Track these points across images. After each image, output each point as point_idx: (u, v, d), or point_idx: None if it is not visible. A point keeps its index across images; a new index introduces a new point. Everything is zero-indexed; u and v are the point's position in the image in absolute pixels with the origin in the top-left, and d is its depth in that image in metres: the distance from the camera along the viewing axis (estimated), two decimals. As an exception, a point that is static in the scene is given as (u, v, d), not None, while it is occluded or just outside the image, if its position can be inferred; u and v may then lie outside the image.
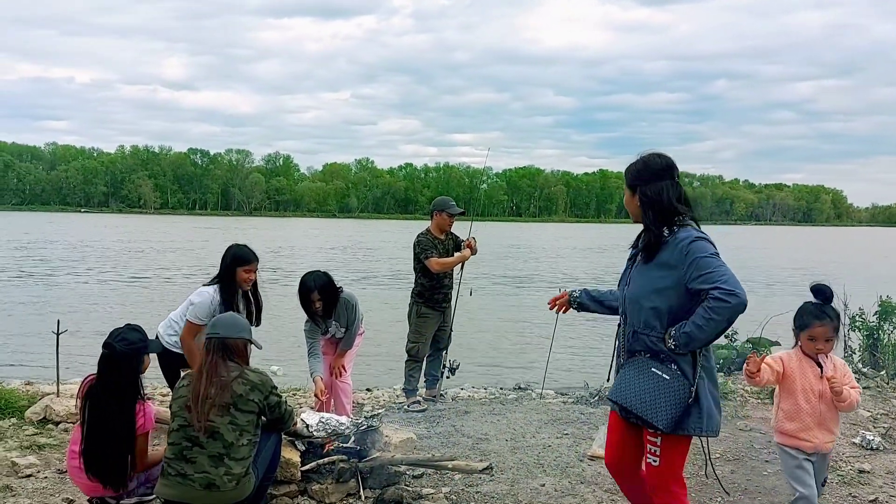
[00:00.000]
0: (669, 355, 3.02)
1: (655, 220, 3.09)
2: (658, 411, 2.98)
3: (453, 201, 6.71)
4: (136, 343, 3.78)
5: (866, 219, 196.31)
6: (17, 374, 8.73)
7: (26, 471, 4.47)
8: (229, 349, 3.60)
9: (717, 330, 2.90)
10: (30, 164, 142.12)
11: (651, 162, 3.17)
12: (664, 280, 3.03)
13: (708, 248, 2.96)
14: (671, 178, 3.13)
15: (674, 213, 3.08)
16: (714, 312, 2.85)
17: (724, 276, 2.86)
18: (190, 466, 3.42)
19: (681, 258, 2.98)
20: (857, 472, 4.85)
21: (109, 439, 3.67)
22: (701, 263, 2.91)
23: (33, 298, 17.28)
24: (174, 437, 3.50)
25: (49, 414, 5.46)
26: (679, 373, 3.00)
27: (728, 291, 2.82)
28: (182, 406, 3.50)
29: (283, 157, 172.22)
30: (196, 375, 3.55)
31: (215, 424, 3.42)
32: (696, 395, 2.99)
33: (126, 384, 3.71)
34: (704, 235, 3.02)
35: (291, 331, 10.18)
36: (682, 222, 3.08)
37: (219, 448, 3.43)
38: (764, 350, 7.52)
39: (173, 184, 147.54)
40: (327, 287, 5.22)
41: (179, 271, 25.42)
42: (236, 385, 3.50)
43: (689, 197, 3.15)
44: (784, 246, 60.22)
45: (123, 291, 19.18)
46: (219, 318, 3.80)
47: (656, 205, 3.09)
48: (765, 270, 31.85)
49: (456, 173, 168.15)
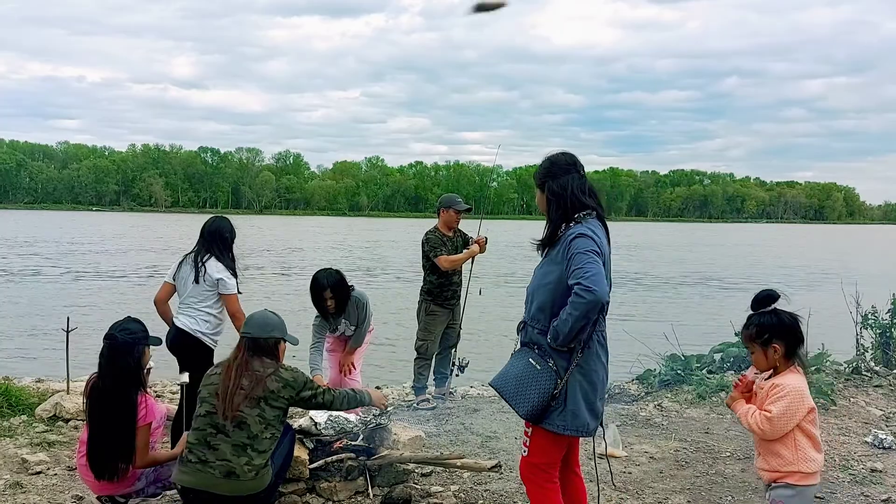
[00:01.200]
0: (547, 349, 3.08)
1: (558, 215, 3.17)
2: (521, 399, 3.06)
3: (460, 198, 6.69)
4: (136, 333, 3.80)
5: (878, 216, 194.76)
6: (28, 371, 8.77)
7: (36, 468, 4.50)
8: (261, 348, 3.66)
9: (575, 324, 2.95)
10: (42, 163, 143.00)
11: (556, 159, 3.27)
12: (550, 275, 3.11)
13: (585, 244, 3.01)
14: (577, 173, 3.21)
15: (578, 206, 3.15)
16: (573, 307, 2.94)
17: (587, 273, 2.92)
18: (212, 453, 3.45)
19: (563, 254, 3.06)
20: (869, 472, 4.81)
21: (111, 431, 3.68)
22: (574, 259, 2.99)
23: (44, 296, 17.39)
24: (199, 422, 3.53)
25: (59, 411, 5.49)
26: (551, 367, 3.05)
27: (585, 287, 2.90)
28: (212, 393, 3.54)
29: (294, 155, 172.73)
30: (227, 367, 3.59)
31: (244, 415, 3.47)
32: (564, 392, 3.04)
33: (127, 374, 3.72)
34: (587, 232, 3.05)
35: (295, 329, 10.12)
36: (583, 218, 3.13)
37: (243, 438, 3.47)
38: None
39: (184, 182, 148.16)
40: (339, 285, 5.22)
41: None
42: (270, 381, 3.55)
43: (595, 190, 3.22)
44: (795, 244, 59.87)
45: (135, 290, 19.27)
46: (251, 318, 3.83)
47: (561, 199, 3.17)
48: (775, 268, 31.68)
49: (466, 171, 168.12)
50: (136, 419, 3.70)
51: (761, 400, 3.07)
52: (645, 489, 4.46)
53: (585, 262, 2.95)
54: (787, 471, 3.02)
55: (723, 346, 7.71)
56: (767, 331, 3.06)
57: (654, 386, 6.82)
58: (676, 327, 8.44)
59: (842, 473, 4.79)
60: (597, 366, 3.11)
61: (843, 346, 7.94)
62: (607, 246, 3.17)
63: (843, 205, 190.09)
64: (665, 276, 26.60)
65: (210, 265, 4.73)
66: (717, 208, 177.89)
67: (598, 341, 3.11)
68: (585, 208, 3.15)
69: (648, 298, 19.03)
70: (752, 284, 24.02)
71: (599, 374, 3.13)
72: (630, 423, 5.76)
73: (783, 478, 3.03)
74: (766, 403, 3.02)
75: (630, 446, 5.26)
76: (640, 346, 7.87)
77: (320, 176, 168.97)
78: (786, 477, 3.02)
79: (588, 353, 3.07)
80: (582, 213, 3.14)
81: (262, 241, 41.10)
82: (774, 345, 3.04)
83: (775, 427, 2.97)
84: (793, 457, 3.00)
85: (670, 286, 22.67)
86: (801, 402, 2.98)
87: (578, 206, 3.15)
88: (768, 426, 2.97)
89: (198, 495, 3.48)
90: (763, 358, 3.08)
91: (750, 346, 3.13)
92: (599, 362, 3.13)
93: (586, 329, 3.01)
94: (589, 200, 3.17)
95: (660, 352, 7.74)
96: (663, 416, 6.02)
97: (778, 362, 3.05)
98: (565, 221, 3.15)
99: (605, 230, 3.20)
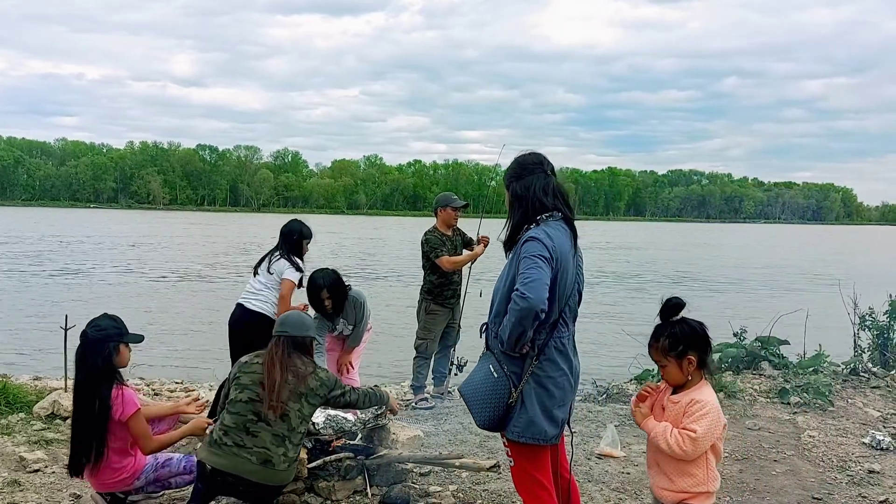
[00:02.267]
0: (501, 355, 3.02)
1: (519, 216, 3.11)
2: (479, 408, 3.02)
3: (455, 195, 6.68)
4: (107, 329, 3.77)
5: (876, 217, 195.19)
6: (26, 368, 8.77)
7: (34, 466, 4.49)
8: (298, 346, 3.77)
9: (513, 331, 2.88)
10: (40, 160, 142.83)
11: (523, 160, 3.20)
12: (506, 279, 3.05)
13: (532, 248, 2.92)
14: (543, 173, 3.14)
15: (540, 207, 3.08)
16: (510, 314, 2.88)
17: (525, 279, 2.85)
18: (250, 439, 3.51)
19: (515, 257, 3.01)
20: (867, 473, 4.82)
21: (82, 427, 3.70)
22: (521, 263, 2.91)
23: (43, 293, 17.36)
24: (239, 407, 3.57)
25: (57, 409, 5.48)
26: (505, 374, 3.00)
27: (521, 294, 2.83)
28: (255, 381, 3.61)
29: (292, 153, 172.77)
30: (269, 361, 3.66)
31: (288, 408, 3.57)
32: (521, 400, 2.98)
33: (97, 371, 3.69)
34: (538, 235, 2.95)
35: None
36: (545, 220, 3.06)
37: (283, 430, 3.56)
38: (772, 347, 7.49)
39: (182, 180, 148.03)
40: (336, 285, 5.23)
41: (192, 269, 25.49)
42: (311, 379, 3.68)
43: (563, 190, 3.14)
44: (794, 244, 59.94)
45: (135, 288, 19.24)
46: (287, 317, 3.90)
47: (523, 200, 3.10)
48: (773, 268, 31.72)
49: (465, 170, 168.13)
50: (108, 415, 3.67)
51: (676, 417, 2.91)
52: (643, 490, 4.46)
53: (527, 268, 2.87)
54: (696, 491, 2.89)
55: (721, 346, 7.71)
56: (682, 342, 2.90)
57: (652, 386, 6.82)
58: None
59: (839, 475, 4.79)
60: (554, 373, 3.01)
61: (841, 346, 7.95)
62: (571, 249, 3.07)
63: (841, 205, 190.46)
64: (660, 275, 26.62)
65: (278, 261, 5.48)
66: (715, 208, 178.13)
67: (555, 347, 3.03)
68: (546, 210, 3.08)
69: (647, 298, 19.03)
70: (747, 284, 24.09)
71: (558, 381, 3.02)
72: (628, 424, 5.76)
73: (691, 499, 2.89)
74: (687, 421, 2.85)
75: (628, 446, 5.26)
76: (638, 346, 7.87)
77: (319, 174, 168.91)
78: (693, 498, 2.89)
79: (544, 360, 3.00)
80: (544, 214, 3.07)
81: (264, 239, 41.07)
82: (689, 356, 2.89)
83: (699, 447, 2.82)
84: (704, 476, 2.88)
85: (665, 285, 22.67)
86: (719, 419, 2.86)
87: (540, 207, 3.07)
88: (692, 447, 2.81)
89: (225, 478, 3.51)
90: (678, 371, 2.91)
91: (661, 359, 2.95)
92: (559, 369, 3.02)
93: (526, 335, 2.90)
94: (552, 201, 3.09)
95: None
96: (661, 417, 6.01)
97: (691, 374, 2.92)
98: (526, 223, 3.08)
99: (573, 232, 3.11)
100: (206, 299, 17.15)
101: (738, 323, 8.02)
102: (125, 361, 3.85)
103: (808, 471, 4.84)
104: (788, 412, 6.13)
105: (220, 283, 21.11)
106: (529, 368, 2.99)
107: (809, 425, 5.78)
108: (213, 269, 25.27)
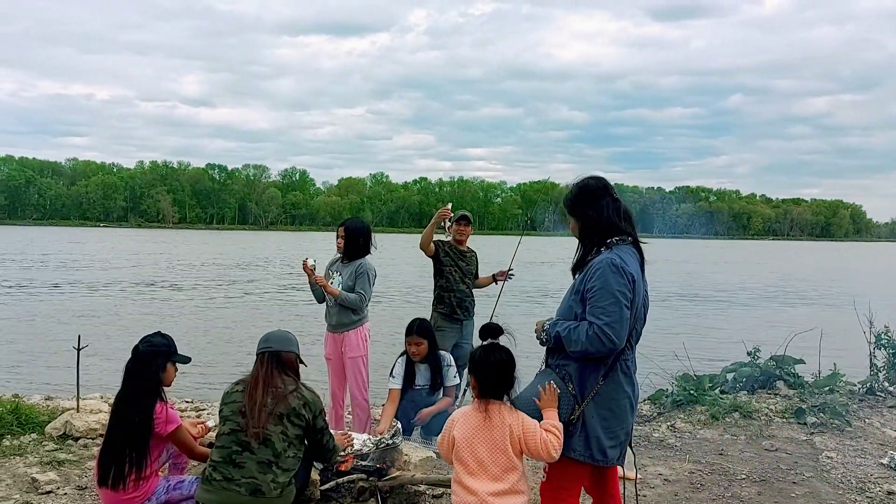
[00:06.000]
0: (569, 374, 3.03)
1: (592, 241, 3.12)
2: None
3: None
4: (158, 346, 3.85)
5: (886, 234, 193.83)
6: (38, 388, 8.76)
7: (46, 487, 4.46)
8: (283, 362, 3.68)
9: (580, 350, 2.94)
10: (50, 180, 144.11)
11: (588, 184, 3.19)
12: (575, 304, 3.05)
13: (617, 283, 2.91)
14: (610, 196, 3.14)
15: (614, 231, 3.09)
16: (588, 340, 2.89)
17: (608, 318, 2.88)
18: (237, 471, 3.45)
19: (583, 281, 3.02)
20: (885, 494, 4.74)
21: (124, 438, 3.68)
22: (598, 295, 2.92)
23: (55, 313, 17.40)
24: (223, 440, 3.53)
25: (69, 430, 5.46)
26: (570, 391, 3.01)
27: (603, 333, 2.86)
28: (235, 411, 3.54)
29: (300, 171, 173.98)
30: (252, 383, 3.59)
31: (269, 432, 3.48)
32: (582, 419, 2.99)
33: (143, 383, 3.74)
34: (616, 263, 2.95)
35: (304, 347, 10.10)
36: (616, 244, 3.06)
37: (269, 455, 3.47)
38: (787, 367, 7.41)
39: (191, 198, 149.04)
40: (356, 229, 5.52)
41: (206, 288, 25.53)
42: (291, 398, 3.56)
43: (629, 213, 3.16)
44: (806, 261, 59.64)
45: (146, 308, 19.28)
46: (271, 334, 3.85)
47: (597, 224, 3.11)
48: (785, 285, 31.54)
49: (470, 187, 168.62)
50: (150, 429, 3.70)
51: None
52: (660, 512, 4.40)
53: (609, 304, 2.89)
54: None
55: (735, 366, 7.65)
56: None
57: (666, 406, 6.76)
58: (684, 346, 8.39)
59: (859, 496, 4.71)
60: (618, 394, 3.04)
61: (856, 365, 7.86)
62: (640, 274, 3.08)
63: (850, 222, 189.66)
64: (671, 293, 26.49)
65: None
66: (724, 225, 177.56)
67: (622, 370, 3.04)
68: (621, 233, 3.09)
69: (658, 316, 18.94)
70: (759, 302, 23.94)
71: (621, 403, 3.05)
72: (643, 444, 5.70)
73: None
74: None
75: (643, 468, 5.20)
76: (651, 366, 7.81)
77: (326, 192, 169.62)
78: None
79: (610, 382, 3.02)
80: (615, 238, 3.08)
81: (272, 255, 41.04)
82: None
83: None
84: None
85: (679, 303, 22.57)
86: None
87: (614, 231, 3.08)
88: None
89: None
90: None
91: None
92: (622, 391, 3.05)
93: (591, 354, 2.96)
94: (624, 225, 3.10)
95: (671, 371, 7.68)
96: (676, 437, 5.95)
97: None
98: (596, 246, 3.09)
99: (640, 255, 3.13)
100: (220, 316, 17.16)
101: (751, 341, 7.95)
102: (170, 380, 3.90)
103: (828, 493, 4.76)
104: (805, 432, 6.06)
105: (234, 301, 21.12)
106: (594, 388, 2.99)
107: (827, 446, 5.71)
108: (224, 286, 25.30)
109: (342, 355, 5.61)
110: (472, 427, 3.06)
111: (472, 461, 3.03)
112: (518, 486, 3.04)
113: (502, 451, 3.00)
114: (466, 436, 3.05)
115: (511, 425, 3.01)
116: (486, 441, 3.02)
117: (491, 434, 3.02)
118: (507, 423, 3.02)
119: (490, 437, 3.02)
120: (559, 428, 2.98)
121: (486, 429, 3.03)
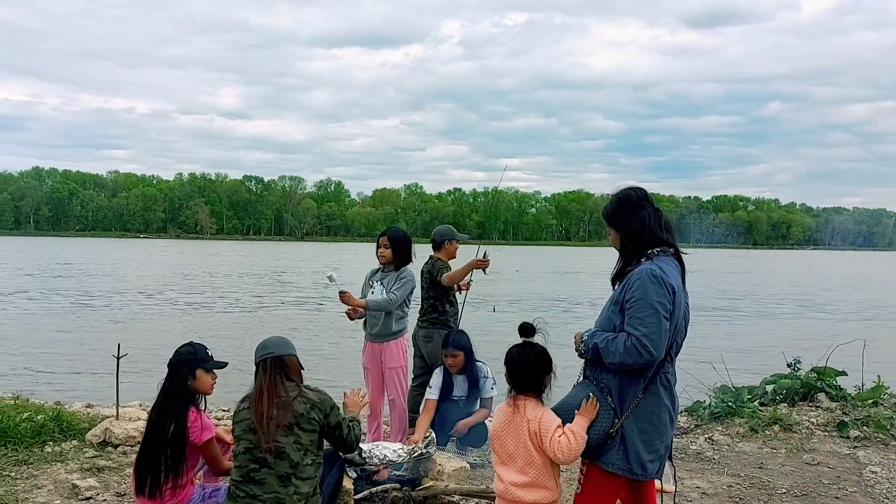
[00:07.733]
0: (608, 386, 3.01)
1: (635, 252, 3.09)
2: None
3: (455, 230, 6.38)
4: (183, 355, 3.86)
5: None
6: (80, 396, 8.95)
7: (86, 493, 4.55)
8: (285, 367, 3.62)
9: (618, 362, 2.93)
10: (93, 192, 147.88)
11: (628, 195, 3.17)
12: (614, 315, 3.03)
13: (657, 294, 2.89)
14: (651, 207, 3.12)
15: (657, 241, 3.07)
16: (626, 352, 2.88)
17: (647, 330, 2.86)
18: (258, 488, 3.44)
19: (622, 291, 3.00)
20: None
21: (157, 445, 3.72)
22: (637, 306, 2.91)
23: (96, 322, 17.79)
24: (240, 459, 3.52)
25: (108, 437, 5.56)
26: (609, 404, 2.99)
27: (642, 345, 2.85)
28: (245, 429, 3.51)
29: (335, 182, 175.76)
30: (256, 396, 3.55)
31: (281, 444, 3.44)
32: (622, 432, 2.96)
33: (173, 391, 3.76)
34: (657, 274, 2.92)
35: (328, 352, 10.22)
36: (656, 254, 3.03)
37: (286, 468, 3.44)
38: (829, 379, 7.24)
39: (229, 210, 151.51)
40: (399, 238, 5.61)
41: (247, 298, 25.86)
42: (297, 404, 3.50)
43: (670, 223, 3.14)
44: (845, 271, 58.28)
45: (185, 317, 19.60)
46: (267, 340, 3.80)
47: (639, 235, 3.08)
48: (826, 296, 30.85)
49: (504, 197, 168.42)
50: (185, 437, 3.72)
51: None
52: (697, 526, 4.31)
53: (648, 316, 2.87)
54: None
55: (775, 377, 7.49)
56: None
57: (704, 418, 6.64)
58: (722, 357, 8.25)
59: (905, 513, 4.57)
60: (658, 408, 2.99)
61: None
62: (681, 286, 3.05)
63: (894, 230, 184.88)
64: (707, 304, 26.08)
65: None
66: (762, 234, 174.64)
67: (661, 383, 3.00)
68: (662, 244, 3.06)
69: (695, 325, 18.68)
70: (799, 312, 23.45)
71: (661, 417, 3.00)
72: (680, 457, 5.61)
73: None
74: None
75: (681, 481, 5.11)
76: (688, 377, 7.69)
77: (360, 203, 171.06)
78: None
79: (649, 395, 2.98)
80: (657, 249, 3.06)
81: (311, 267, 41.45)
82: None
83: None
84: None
85: (716, 313, 22.21)
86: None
87: (655, 242, 3.06)
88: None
89: None
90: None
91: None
92: (662, 404, 3.00)
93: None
94: (666, 236, 3.08)
95: (708, 382, 7.56)
96: (714, 450, 5.84)
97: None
98: (639, 257, 3.06)
99: (682, 266, 3.09)
100: (264, 322, 17.37)
101: (791, 353, 7.78)
102: (206, 387, 3.88)
103: (872, 509, 4.63)
104: (848, 446, 5.90)
105: (270, 310, 21.36)
106: (634, 401, 2.97)
107: (871, 460, 5.55)
108: (267, 295, 25.60)
109: (381, 365, 5.63)
110: (503, 420, 3.17)
111: (502, 452, 3.17)
112: (541, 481, 3.08)
113: (524, 445, 3.09)
114: (497, 428, 3.19)
115: (530, 420, 3.08)
116: (513, 434, 3.12)
117: (516, 428, 3.12)
118: (528, 418, 3.09)
119: (516, 430, 3.12)
120: (578, 434, 2.97)
121: (513, 422, 3.13)
